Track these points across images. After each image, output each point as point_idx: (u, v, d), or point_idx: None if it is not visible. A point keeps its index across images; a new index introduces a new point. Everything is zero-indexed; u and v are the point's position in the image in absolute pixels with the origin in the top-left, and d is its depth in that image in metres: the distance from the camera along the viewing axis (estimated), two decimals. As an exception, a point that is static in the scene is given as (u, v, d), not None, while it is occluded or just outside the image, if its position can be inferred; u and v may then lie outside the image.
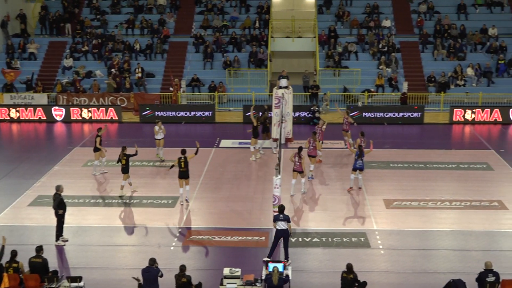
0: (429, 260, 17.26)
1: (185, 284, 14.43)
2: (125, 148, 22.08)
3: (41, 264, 15.36)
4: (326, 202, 21.18)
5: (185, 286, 14.45)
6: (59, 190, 18.17)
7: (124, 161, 21.79)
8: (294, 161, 21.52)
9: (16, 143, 29.32)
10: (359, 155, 21.95)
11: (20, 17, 40.37)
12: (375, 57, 37.96)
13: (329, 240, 18.41)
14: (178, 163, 20.91)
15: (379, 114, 32.08)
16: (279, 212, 16.95)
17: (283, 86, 27.71)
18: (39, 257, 15.46)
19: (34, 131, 31.30)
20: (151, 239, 18.69)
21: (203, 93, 35.82)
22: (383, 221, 19.88)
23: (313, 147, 23.07)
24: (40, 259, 15.44)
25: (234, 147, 27.93)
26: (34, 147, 28.13)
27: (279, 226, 16.80)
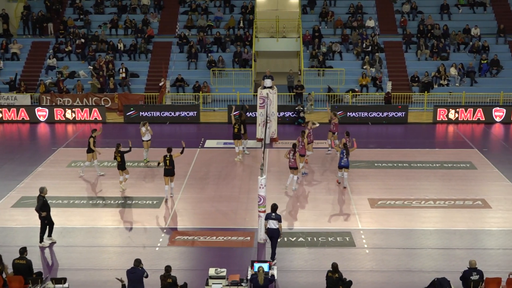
0: (414, 259, 17.36)
1: (170, 285, 14.39)
2: (119, 145, 22.18)
3: (25, 266, 15.26)
4: (311, 201, 21.22)
5: (171, 287, 14.42)
6: (43, 192, 18.05)
7: (119, 158, 22.03)
8: (289, 157, 21.85)
9: None
10: (344, 153, 22.11)
11: (2, 17, 40.03)
12: (359, 57, 38.09)
13: (314, 240, 18.45)
14: (164, 161, 20.98)
15: (363, 113, 32.18)
16: (272, 210, 17.04)
17: (267, 86, 27.74)
18: (23, 259, 15.35)
19: (17, 131, 31.05)
20: (136, 240, 18.62)
21: (187, 93, 35.73)
22: (368, 220, 19.96)
23: (301, 146, 23.12)
24: (24, 260, 15.33)
25: (219, 147, 27.90)
26: (17, 148, 27.90)
27: (269, 225, 16.89)
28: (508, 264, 16.90)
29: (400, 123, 31.89)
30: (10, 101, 34.28)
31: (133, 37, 39.45)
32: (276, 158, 26.23)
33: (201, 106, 33.73)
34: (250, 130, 29.57)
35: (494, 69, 36.77)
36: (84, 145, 28.13)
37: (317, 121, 30.96)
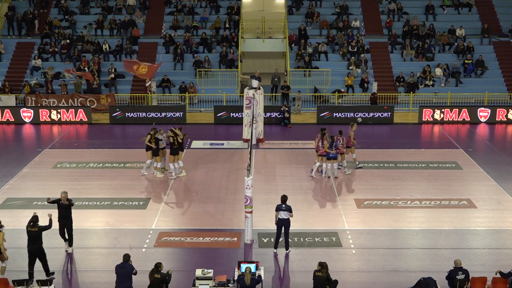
0: (400, 259, 17.45)
1: (158, 281, 14.40)
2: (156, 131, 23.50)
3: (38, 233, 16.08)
4: (297, 202, 21.24)
5: (158, 283, 14.43)
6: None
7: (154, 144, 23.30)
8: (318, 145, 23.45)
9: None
10: (331, 145, 23.18)
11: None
12: (345, 57, 38.20)
13: (301, 240, 18.49)
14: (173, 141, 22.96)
15: (349, 114, 32.24)
16: (282, 202, 17.45)
17: (254, 87, 27.75)
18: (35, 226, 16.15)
19: (2, 133, 30.82)
20: (123, 241, 18.56)
21: (173, 94, 35.67)
22: (354, 220, 20.03)
23: (322, 147, 23.42)
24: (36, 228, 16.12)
25: (205, 148, 27.87)
26: (2, 149, 27.71)
27: (281, 215, 17.32)
28: (493, 264, 17.03)
29: (386, 124, 32.03)
30: (-5, 102, 34.06)
31: (119, 37, 39.30)
32: (262, 159, 26.25)
33: (187, 107, 33.69)
34: (236, 131, 29.66)
35: (479, 69, 37.03)
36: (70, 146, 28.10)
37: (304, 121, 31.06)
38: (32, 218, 16.28)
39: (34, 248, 16.09)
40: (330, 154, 23.23)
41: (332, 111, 32.39)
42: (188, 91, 35.00)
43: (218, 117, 32.28)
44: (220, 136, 30.13)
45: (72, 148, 27.91)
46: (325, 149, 23.38)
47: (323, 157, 23.57)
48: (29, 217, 16.48)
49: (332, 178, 23.56)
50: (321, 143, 23.50)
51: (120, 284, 14.51)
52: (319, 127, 30.87)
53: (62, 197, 17.60)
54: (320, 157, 23.65)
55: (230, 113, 32.22)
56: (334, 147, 23.25)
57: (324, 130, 23.88)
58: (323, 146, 23.42)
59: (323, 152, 23.48)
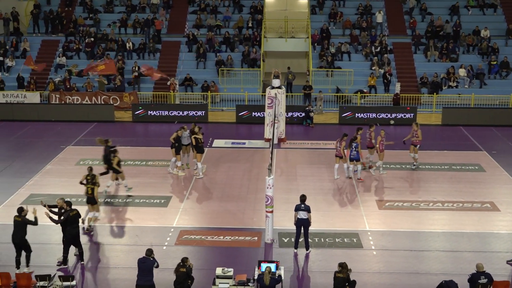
0: (421, 261, 17.31)
1: (183, 274, 14.45)
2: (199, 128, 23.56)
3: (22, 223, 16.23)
4: (318, 202, 21.19)
5: (183, 276, 14.48)
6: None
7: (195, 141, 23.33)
8: (336, 146, 23.44)
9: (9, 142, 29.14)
10: (354, 146, 23.08)
11: (12, 16, 40.18)
12: (368, 57, 38.02)
13: (321, 241, 18.44)
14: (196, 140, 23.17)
15: (372, 115, 32.11)
16: (301, 201, 17.46)
17: (276, 86, 27.72)
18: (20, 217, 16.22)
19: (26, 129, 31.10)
20: (144, 238, 18.65)
21: (195, 92, 35.77)
22: (375, 221, 19.92)
23: (340, 148, 23.34)
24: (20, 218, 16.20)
25: (227, 147, 27.90)
26: (26, 146, 27.99)
27: (300, 215, 17.33)
28: (516, 267, 16.85)
29: (409, 125, 31.67)
30: (20, 98, 34.45)
31: (143, 36, 39.51)
32: (284, 159, 26.22)
33: (209, 106, 33.76)
34: (258, 130, 29.66)
35: (504, 71, 36.61)
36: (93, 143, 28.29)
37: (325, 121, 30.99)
38: (18, 209, 16.44)
39: (16, 238, 16.24)
40: (351, 155, 23.12)
41: (354, 111, 32.25)
42: (210, 90, 35.07)
43: (240, 116, 32.31)
44: (241, 135, 30.15)
45: (94, 145, 28.04)
46: (342, 151, 23.25)
47: (340, 158, 23.41)
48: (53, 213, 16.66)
49: (354, 179, 23.42)
50: (339, 143, 23.35)
51: (141, 277, 14.61)
52: (341, 127, 30.94)
53: (58, 203, 16.99)
54: (337, 158, 23.49)
55: (252, 112, 32.24)
56: (355, 148, 23.10)
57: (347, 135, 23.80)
58: (339, 147, 23.27)
59: (339, 153, 23.32)
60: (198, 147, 23.53)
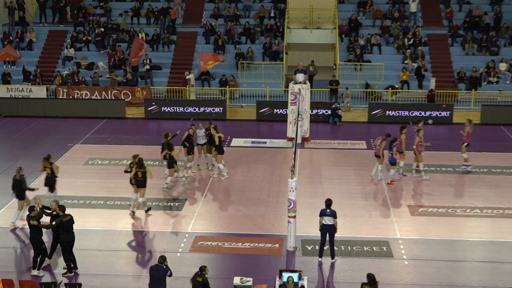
0: (457, 273, 17.18)
1: (199, 284, 14.45)
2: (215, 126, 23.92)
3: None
4: (345, 207, 21.11)
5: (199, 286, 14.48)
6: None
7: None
8: (375, 144, 23.47)
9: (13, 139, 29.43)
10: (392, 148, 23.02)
11: (18, 4, 40.56)
12: (400, 50, 37.83)
13: (348, 249, 18.37)
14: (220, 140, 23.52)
15: (404, 112, 31.95)
16: (326, 206, 17.40)
17: (299, 81, 27.67)
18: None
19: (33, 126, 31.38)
20: (156, 244, 18.72)
21: (213, 87, 35.84)
22: (407, 229, 19.81)
23: (379, 146, 23.32)
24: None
25: (246, 147, 27.93)
26: (32, 143, 28.25)
27: (325, 221, 17.29)
28: (562, 281, 16.64)
29: (445, 123, 31.59)
30: (25, 93, 34.77)
31: (156, 26, 39.66)
32: (308, 159, 26.17)
33: (227, 102, 33.81)
34: (280, 128, 29.63)
35: (549, 65, 36.27)
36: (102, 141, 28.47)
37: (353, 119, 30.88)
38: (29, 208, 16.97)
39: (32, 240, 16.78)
40: (390, 158, 23.05)
41: (385, 108, 32.10)
42: (229, 85, 35.12)
43: (260, 113, 32.31)
44: (262, 134, 30.16)
45: (104, 143, 28.30)
46: (381, 150, 23.19)
47: (379, 158, 23.42)
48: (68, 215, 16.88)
49: (384, 182, 23.33)
50: (379, 142, 23.33)
51: (153, 287, 14.64)
52: (370, 126, 30.82)
53: (52, 205, 17.17)
54: (377, 158, 23.50)
55: (274, 109, 32.21)
56: (391, 149, 23.02)
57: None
58: (379, 146, 23.22)
59: (378, 152, 23.29)
60: (220, 147, 23.56)
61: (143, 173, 20.51)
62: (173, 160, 22.59)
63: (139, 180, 20.55)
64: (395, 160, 23.03)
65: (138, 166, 20.56)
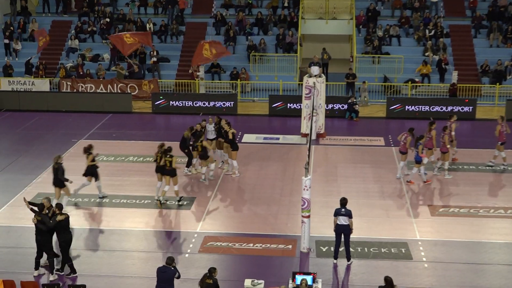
0: (480, 276, 17.11)
1: (209, 286, 14.46)
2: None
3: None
4: (362, 206, 21.08)
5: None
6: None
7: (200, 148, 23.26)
8: (401, 139, 23.41)
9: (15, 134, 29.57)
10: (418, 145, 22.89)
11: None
12: (421, 42, 37.70)
13: (365, 250, 18.34)
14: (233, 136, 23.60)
15: (424, 107, 31.83)
16: (341, 205, 17.37)
17: (314, 74, 27.63)
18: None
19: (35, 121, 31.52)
20: (164, 244, 18.76)
21: (223, 81, 35.85)
22: (427, 230, 19.76)
23: (429, 138, 23.37)
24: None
25: (258, 143, 27.92)
26: (34, 139, 28.36)
27: (339, 221, 17.27)
28: None
29: (467, 119, 31.43)
30: (27, 86, 34.91)
31: (164, 16, 39.71)
32: (323, 157, 26.14)
33: (239, 96, 33.81)
34: (294, 124, 29.59)
35: None
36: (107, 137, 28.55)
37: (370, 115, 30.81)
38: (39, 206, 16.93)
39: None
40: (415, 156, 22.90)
41: (404, 103, 31.99)
42: (240, 78, 35.12)
43: (273, 108, 32.30)
44: (275, 129, 30.14)
45: (110, 139, 28.36)
46: (407, 146, 23.19)
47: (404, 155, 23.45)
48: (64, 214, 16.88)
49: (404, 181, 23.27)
50: (404, 138, 23.30)
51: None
52: (389, 121, 30.73)
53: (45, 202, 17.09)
54: (402, 154, 23.54)
55: (287, 103, 32.19)
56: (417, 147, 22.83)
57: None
58: (404, 141, 23.18)
59: (404, 149, 23.26)
60: (234, 143, 23.56)
61: (170, 162, 21.11)
62: (206, 151, 22.87)
63: (169, 170, 21.13)
64: (421, 159, 22.84)
65: (167, 155, 21.14)
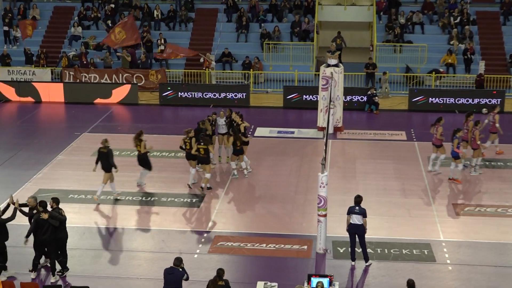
0: (508, 280, 17.06)
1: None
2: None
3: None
4: (382, 205, 21.05)
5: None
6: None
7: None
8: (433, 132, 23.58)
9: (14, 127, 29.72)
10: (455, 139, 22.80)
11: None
12: (445, 30, 37.55)
13: (385, 252, 18.32)
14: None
15: (449, 99, 31.72)
16: (355, 203, 17.40)
17: (332, 64, 27.58)
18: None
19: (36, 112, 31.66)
20: (171, 244, 18.81)
21: (235, 71, 35.86)
22: (452, 230, 19.71)
23: (436, 133, 23.45)
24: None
25: (272, 137, 27.93)
26: (34, 132, 28.49)
27: (353, 220, 17.30)
28: None
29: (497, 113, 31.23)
30: (28, 76, 35.03)
31: (172, 2, 39.76)
32: (340, 152, 26.11)
33: (251, 87, 33.81)
34: (310, 117, 29.57)
35: None
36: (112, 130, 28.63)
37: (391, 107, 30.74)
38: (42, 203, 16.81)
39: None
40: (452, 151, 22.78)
41: (428, 95, 31.90)
42: (253, 68, 35.12)
43: (288, 100, 32.29)
44: (290, 123, 30.14)
45: (114, 132, 28.44)
46: (439, 137, 23.26)
47: (437, 148, 23.50)
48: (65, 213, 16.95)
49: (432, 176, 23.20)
50: (435, 130, 23.30)
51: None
52: (411, 114, 30.65)
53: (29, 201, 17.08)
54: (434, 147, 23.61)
55: (303, 95, 32.18)
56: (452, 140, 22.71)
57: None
58: (436, 133, 23.17)
59: (437, 141, 23.35)
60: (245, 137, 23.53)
61: (205, 149, 21.63)
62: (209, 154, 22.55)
63: (202, 157, 21.79)
64: (457, 154, 22.71)
65: (200, 142, 21.68)
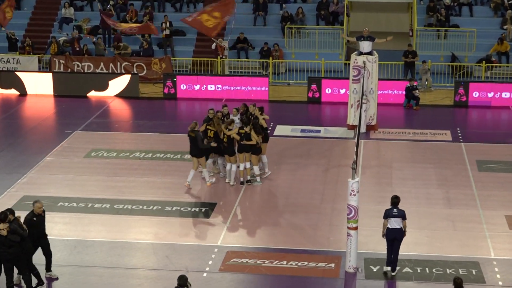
0: None
1: None
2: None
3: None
4: (422, 216, 20.99)
5: None
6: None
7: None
8: None
9: (-5, 124, 29.97)
10: None
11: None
12: (498, 12, 37.41)
13: (426, 271, 18.26)
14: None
15: (503, 93, 31.61)
16: (392, 205, 17.48)
17: (365, 52, 27.52)
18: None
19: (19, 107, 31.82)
20: (177, 261, 18.84)
21: (252, 59, 35.89)
22: (504, 246, 19.62)
23: None
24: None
25: (294, 136, 27.93)
26: (18, 130, 28.61)
27: (391, 224, 17.41)
28: None
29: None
30: (12, 64, 35.16)
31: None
32: (374, 154, 26.07)
33: (270, 78, 33.83)
34: (338, 113, 29.52)
35: None
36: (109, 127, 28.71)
37: (434, 102, 30.66)
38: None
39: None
40: None
41: (477, 88, 31.77)
42: (273, 56, 35.14)
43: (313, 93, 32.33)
44: (315, 120, 30.14)
45: (111, 130, 28.52)
46: None
47: None
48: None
49: None
50: None
51: None
52: (457, 110, 30.51)
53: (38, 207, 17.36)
54: None
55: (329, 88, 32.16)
56: None
57: None
58: None
59: None
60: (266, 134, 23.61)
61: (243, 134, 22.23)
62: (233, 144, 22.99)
63: (243, 145, 22.28)
64: None
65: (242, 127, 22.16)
